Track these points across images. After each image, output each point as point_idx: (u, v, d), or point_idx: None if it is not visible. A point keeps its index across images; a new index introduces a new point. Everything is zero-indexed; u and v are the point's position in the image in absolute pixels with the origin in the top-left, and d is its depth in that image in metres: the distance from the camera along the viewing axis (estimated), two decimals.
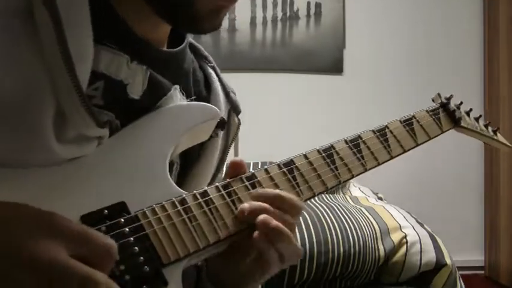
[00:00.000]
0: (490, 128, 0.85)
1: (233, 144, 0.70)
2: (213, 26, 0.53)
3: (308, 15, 2.61)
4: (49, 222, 0.36)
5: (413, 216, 1.44)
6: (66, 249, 0.35)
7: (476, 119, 0.83)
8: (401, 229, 1.33)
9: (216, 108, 0.58)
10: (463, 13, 2.71)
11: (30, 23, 0.40)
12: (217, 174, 0.69)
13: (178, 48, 0.60)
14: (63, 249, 0.35)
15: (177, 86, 0.57)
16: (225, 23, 2.54)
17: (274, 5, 2.59)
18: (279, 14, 2.60)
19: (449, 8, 2.70)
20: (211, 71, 0.67)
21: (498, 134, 0.86)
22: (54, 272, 0.33)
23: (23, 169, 0.43)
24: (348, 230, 1.27)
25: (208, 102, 0.62)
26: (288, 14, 2.61)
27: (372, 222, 1.34)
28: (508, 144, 0.87)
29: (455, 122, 0.76)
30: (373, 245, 1.27)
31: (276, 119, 2.54)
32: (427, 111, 0.74)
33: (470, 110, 0.82)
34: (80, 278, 0.34)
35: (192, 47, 0.66)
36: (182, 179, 0.63)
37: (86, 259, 0.35)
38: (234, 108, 0.68)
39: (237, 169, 0.53)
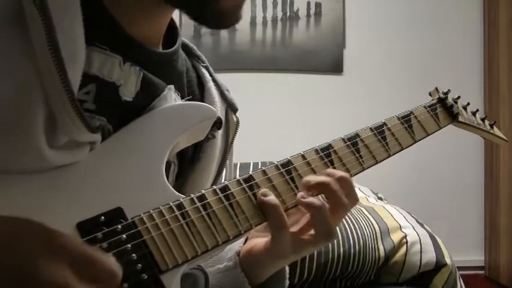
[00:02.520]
0: (487, 122, 0.84)
1: (233, 144, 0.69)
2: (235, 20, 0.54)
3: (308, 15, 2.61)
4: (56, 243, 0.35)
5: (413, 216, 1.44)
6: (73, 273, 0.34)
7: (473, 113, 0.82)
8: (401, 229, 1.32)
9: (213, 108, 0.57)
10: (463, 13, 2.71)
11: (21, 25, 0.39)
12: (220, 175, 0.67)
13: (172, 49, 0.59)
14: (71, 272, 0.34)
15: (171, 86, 0.56)
16: None
17: (274, 5, 2.59)
18: (279, 14, 2.60)
19: (450, 7, 2.70)
20: (204, 70, 0.67)
21: (495, 128, 0.86)
22: None
23: (15, 175, 0.42)
24: (348, 230, 1.27)
25: (202, 102, 0.62)
26: (288, 14, 2.61)
27: (372, 222, 1.34)
28: (504, 137, 0.86)
29: (453, 117, 0.75)
30: (373, 245, 1.27)
31: (276, 119, 2.54)
32: (424, 106, 0.73)
33: (468, 104, 0.81)
34: None
35: (185, 47, 0.66)
36: (182, 181, 0.62)
37: (90, 281, 0.35)
38: (230, 106, 0.67)
39: None
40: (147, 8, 0.54)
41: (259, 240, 0.59)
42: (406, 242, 1.28)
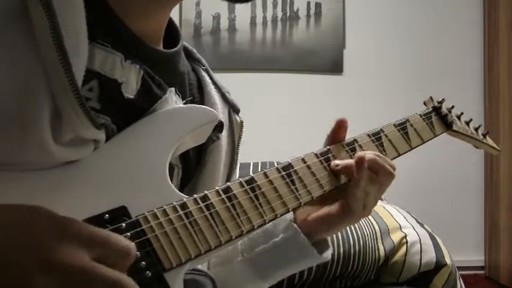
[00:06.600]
0: (480, 132, 0.87)
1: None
2: None
3: (308, 15, 2.61)
4: (70, 226, 0.35)
5: (413, 216, 1.44)
6: (89, 253, 0.34)
7: (467, 123, 0.86)
8: (401, 229, 1.32)
9: (215, 111, 0.58)
10: (463, 14, 2.71)
11: (25, 20, 0.40)
12: (231, 177, 0.68)
13: (174, 49, 0.59)
14: (86, 253, 0.34)
15: (172, 89, 0.56)
16: (225, 23, 2.55)
17: (274, 5, 2.59)
18: (279, 14, 2.60)
19: (450, 8, 2.70)
20: (204, 73, 0.67)
21: (487, 138, 0.89)
22: (82, 277, 0.33)
23: (20, 172, 0.42)
24: (348, 230, 1.27)
25: (203, 105, 0.62)
26: (288, 14, 2.61)
27: (372, 222, 1.34)
28: (497, 147, 0.89)
29: (447, 125, 0.78)
30: (373, 245, 1.27)
31: (276, 119, 2.54)
32: (420, 115, 0.76)
33: (462, 113, 0.84)
34: (111, 283, 0.33)
35: (185, 50, 0.66)
36: (192, 186, 0.63)
37: (106, 261, 0.35)
38: (232, 108, 0.68)
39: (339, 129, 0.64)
40: (147, 4, 0.54)
41: (311, 210, 0.62)
42: (406, 242, 1.28)
